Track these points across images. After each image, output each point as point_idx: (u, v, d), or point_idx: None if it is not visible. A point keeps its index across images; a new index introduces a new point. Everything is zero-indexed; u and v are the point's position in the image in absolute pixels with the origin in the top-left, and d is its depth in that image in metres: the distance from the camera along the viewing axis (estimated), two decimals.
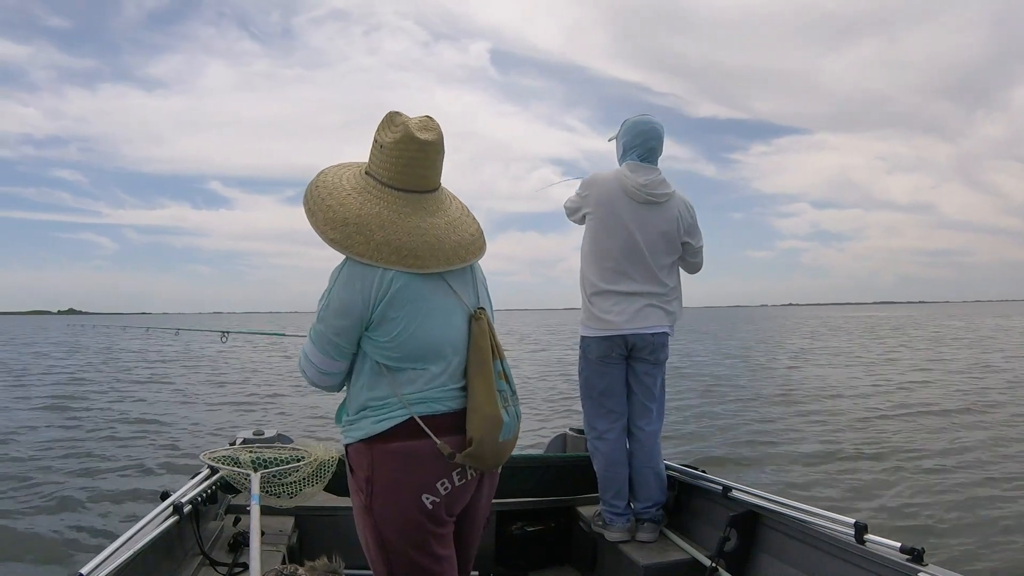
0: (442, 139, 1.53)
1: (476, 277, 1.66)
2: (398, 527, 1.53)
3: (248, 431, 3.13)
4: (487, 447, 1.52)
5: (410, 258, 1.48)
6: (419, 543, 1.54)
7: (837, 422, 9.25)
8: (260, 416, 10.24)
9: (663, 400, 2.83)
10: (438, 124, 1.54)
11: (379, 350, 1.52)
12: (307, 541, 2.74)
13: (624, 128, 2.78)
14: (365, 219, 1.49)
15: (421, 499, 1.51)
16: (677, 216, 2.73)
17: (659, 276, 2.72)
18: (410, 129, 1.49)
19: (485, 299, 1.68)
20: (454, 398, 1.55)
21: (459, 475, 1.54)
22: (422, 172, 1.53)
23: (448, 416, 1.53)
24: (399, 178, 1.52)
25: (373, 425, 1.51)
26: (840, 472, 6.53)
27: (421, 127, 1.51)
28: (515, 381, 1.65)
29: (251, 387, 14.06)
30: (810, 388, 13.05)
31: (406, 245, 1.48)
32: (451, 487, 1.53)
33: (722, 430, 8.74)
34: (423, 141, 1.50)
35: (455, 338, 1.55)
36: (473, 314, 1.59)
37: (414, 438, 1.49)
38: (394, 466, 1.50)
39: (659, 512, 2.75)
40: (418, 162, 1.51)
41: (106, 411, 10.78)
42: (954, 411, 9.92)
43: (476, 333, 1.57)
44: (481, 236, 1.63)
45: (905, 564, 1.82)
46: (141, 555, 1.90)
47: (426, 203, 1.54)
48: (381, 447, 1.50)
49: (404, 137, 1.49)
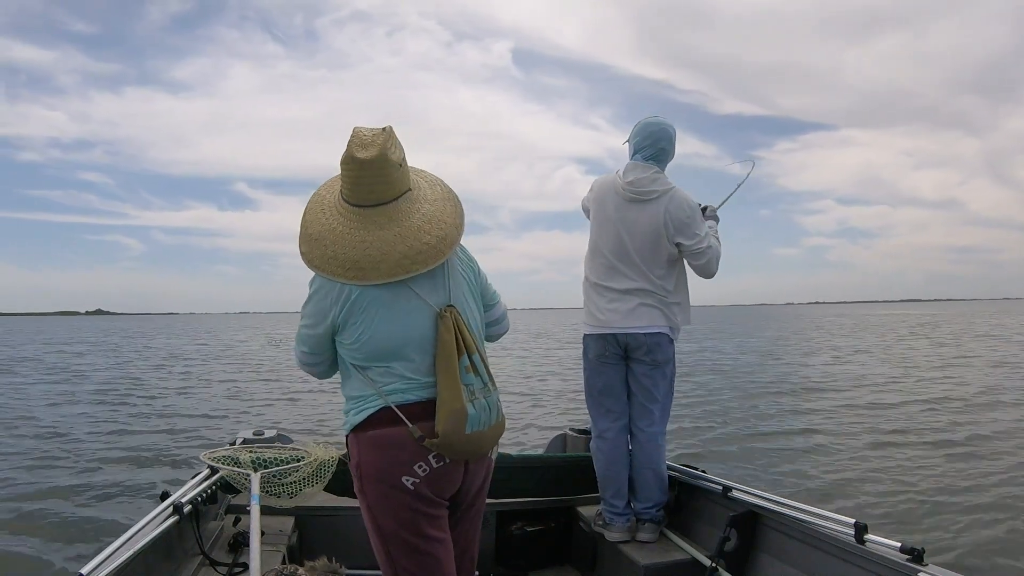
0: (384, 154, 1.55)
1: (451, 274, 1.71)
2: (384, 508, 1.64)
3: (248, 431, 3.14)
4: (454, 438, 1.61)
5: (352, 270, 1.58)
6: (409, 524, 1.63)
7: (849, 417, 9.26)
8: (260, 416, 10.27)
9: (667, 402, 2.79)
10: (385, 139, 1.56)
11: (347, 351, 1.67)
12: (307, 541, 2.74)
13: (635, 130, 2.78)
14: (323, 234, 1.61)
15: (401, 480, 1.62)
16: (664, 214, 2.67)
17: (651, 275, 2.69)
18: (350, 149, 1.56)
19: (463, 294, 1.73)
20: (425, 387, 1.64)
21: (436, 458, 1.63)
22: (368, 188, 1.59)
23: (416, 405, 1.63)
24: (351, 194, 1.61)
25: (354, 416, 1.66)
26: (841, 471, 6.55)
27: (361, 145, 1.56)
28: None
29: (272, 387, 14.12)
30: (843, 383, 13.10)
31: (350, 258, 1.58)
32: (429, 469, 1.62)
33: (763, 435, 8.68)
34: (362, 160, 1.55)
35: (418, 336, 1.64)
36: (439, 312, 1.65)
37: (388, 425, 1.62)
38: (374, 452, 1.64)
39: (660, 512, 2.74)
40: (362, 180, 1.58)
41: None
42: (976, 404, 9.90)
43: (441, 330, 1.65)
44: (442, 242, 1.63)
45: (905, 564, 1.82)
46: (141, 555, 1.90)
47: (377, 216, 1.60)
48: (363, 436, 1.65)
49: (346, 157, 1.57)
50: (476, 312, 1.77)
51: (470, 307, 1.74)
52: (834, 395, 11.87)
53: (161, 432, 8.86)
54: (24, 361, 23.02)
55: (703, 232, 2.72)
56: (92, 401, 12.09)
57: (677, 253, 2.73)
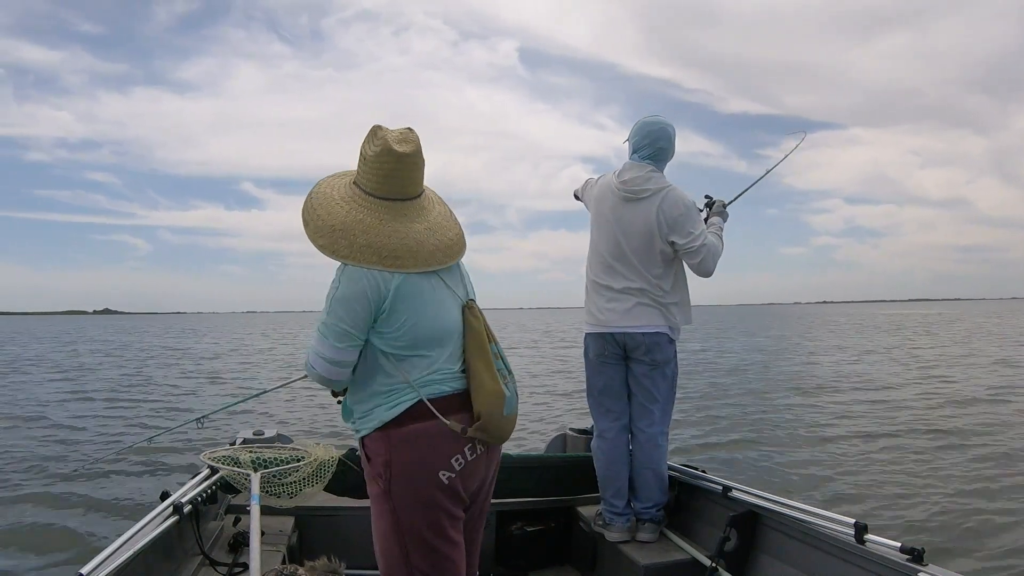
0: (420, 150, 1.63)
1: (464, 274, 1.80)
2: (416, 507, 1.62)
3: (248, 431, 3.14)
4: (493, 420, 1.65)
5: (390, 259, 1.59)
6: (435, 524, 1.63)
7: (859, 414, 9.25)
8: (260, 417, 10.26)
9: (668, 403, 2.78)
10: (416, 136, 1.64)
11: (386, 341, 1.63)
12: (307, 541, 2.75)
13: (634, 129, 2.78)
14: (350, 225, 1.61)
15: (438, 476, 1.61)
16: (657, 212, 2.65)
17: (648, 274, 2.68)
18: (389, 143, 1.59)
19: (472, 291, 1.83)
20: (456, 379, 1.68)
21: (470, 450, 1.65)
22: (401, 182, 1.63)
23: (453, 396, 1.66)
24: (381, 188, 1.63)
25: (386, 412, 1.62)
26: (842, 470, 6.54)
27: (399, 140, 1.61)
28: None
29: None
30: (850, 383, 13.08)
31: (386, 247, 1.59)
32: (464, 462, 1.64)
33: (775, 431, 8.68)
34: (401, 154, 1.60)
35: (452, 326, 1.69)
36: (466, 304, 1.74)
37: (425, 419, 1.61)
38: (411, 448, 1.61)
39: (660, 513, 2.74)
40: (397, 173, 1.61)
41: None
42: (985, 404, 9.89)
43: (471, 320, 1.71)
44: (461, 239, 1.74)
45: (905, 564, 1.82)
46: (141, 555, 1.90)
47: (407, 210, 1.65)
48: (396, 432, 1.62)
49: (383, 151, 1.60)
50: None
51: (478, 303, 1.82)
52: (837, 395, 11.86)
53: (162, 430, 8.86)
54: (32, 360, 23.05)
55: (698, 231, 2.68)
56: (97, 399, 12.13)
57: (672, 252, 2.71)
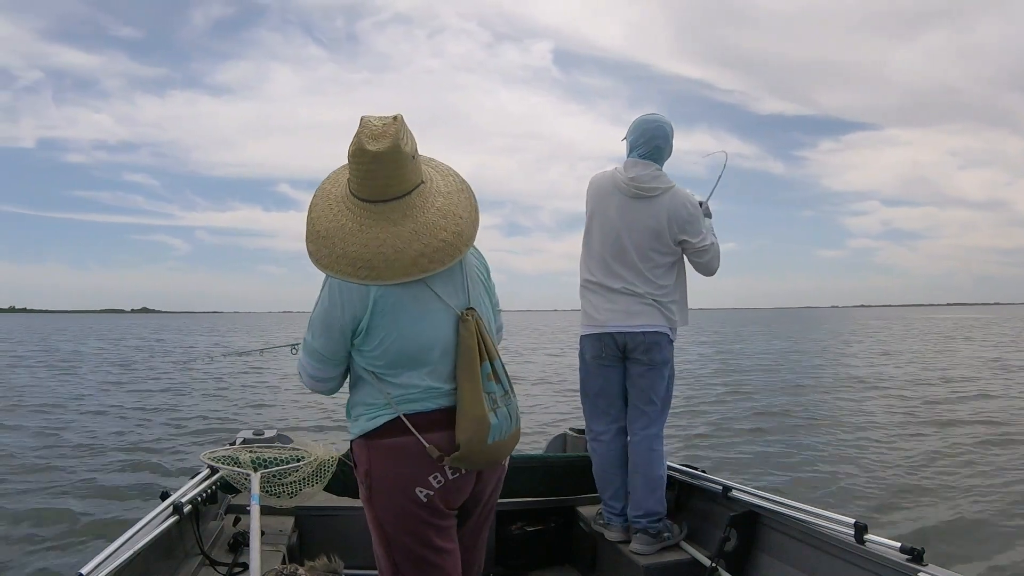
0: (398, 145, 1.44)
1: (467, 275, 1.62)
2: (395, 519, 1.58)
3: (248, 431, 3.13)
4: (475, 449, 1.53)
5: (364, 270, 1.46)
6: (417, 534, 1.58)
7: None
8: (260, 417, 10.26)
9: (665, 404, 2.75)
10: (397, 128, 1.44)
11: (367, 359, 1.56)
12: (307, 541, 2.74)
13: (632, 127, 2.76)
14: (331, 231, 1.49)
15: (415, 492, 1.55)
16: (668, 211, 2.65)
17: (648, 273, 2.67)
18: (360, 141, 1.43)
19: (480, 295, 1.65)
20: (444, 396, 1.56)
21: (452, 470, 1.56)
22: (379, 183, 1.47)
23: (436, 413, 1.55)
24: (362, 189, 1.49)
25: (367, 422, 1.57)
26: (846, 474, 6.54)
27: (373, 136, 1.44)
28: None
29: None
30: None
31: (361, 257, 1.46)
32: (444, 480, 1.56)
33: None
34: (373, 153, 1.43)
35: (439, 342, 1.55)
36: (460, 316, 1.57)
37: (404, 434, 1.53)
38: (387, 461, 1.56)
39: (655, 524, 2.60)
40: (374, 174, 1.46)
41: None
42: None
43: (463, 335, 1.55)
44: (458, 238, 1.52)
45: (905, 564, 1.81)
46: (141, 555, 1.89)
47: (390, 211, 1.49)
48: (376, 443, 1.56)
49: (356, 150, 1.45)
50: (491, 315, 1.70)
51: (487, 309, 1.66)
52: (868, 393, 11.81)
53: (161, 429, 8.86)
54: (77, 356, 23.13)
55: (706, 229, 2.72)
56: (120, 394, 12.16)
57: (678, 251, 2.72)
